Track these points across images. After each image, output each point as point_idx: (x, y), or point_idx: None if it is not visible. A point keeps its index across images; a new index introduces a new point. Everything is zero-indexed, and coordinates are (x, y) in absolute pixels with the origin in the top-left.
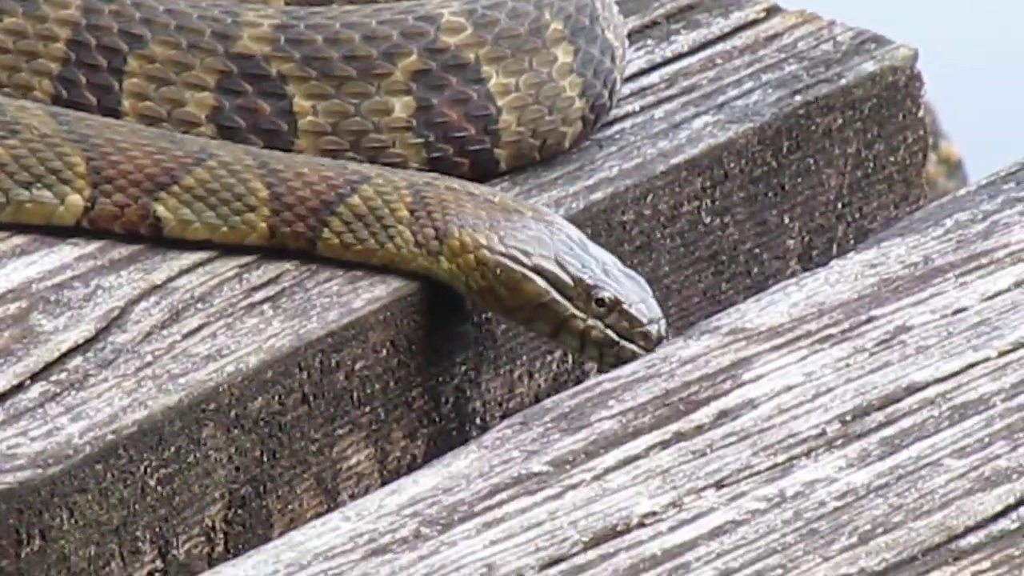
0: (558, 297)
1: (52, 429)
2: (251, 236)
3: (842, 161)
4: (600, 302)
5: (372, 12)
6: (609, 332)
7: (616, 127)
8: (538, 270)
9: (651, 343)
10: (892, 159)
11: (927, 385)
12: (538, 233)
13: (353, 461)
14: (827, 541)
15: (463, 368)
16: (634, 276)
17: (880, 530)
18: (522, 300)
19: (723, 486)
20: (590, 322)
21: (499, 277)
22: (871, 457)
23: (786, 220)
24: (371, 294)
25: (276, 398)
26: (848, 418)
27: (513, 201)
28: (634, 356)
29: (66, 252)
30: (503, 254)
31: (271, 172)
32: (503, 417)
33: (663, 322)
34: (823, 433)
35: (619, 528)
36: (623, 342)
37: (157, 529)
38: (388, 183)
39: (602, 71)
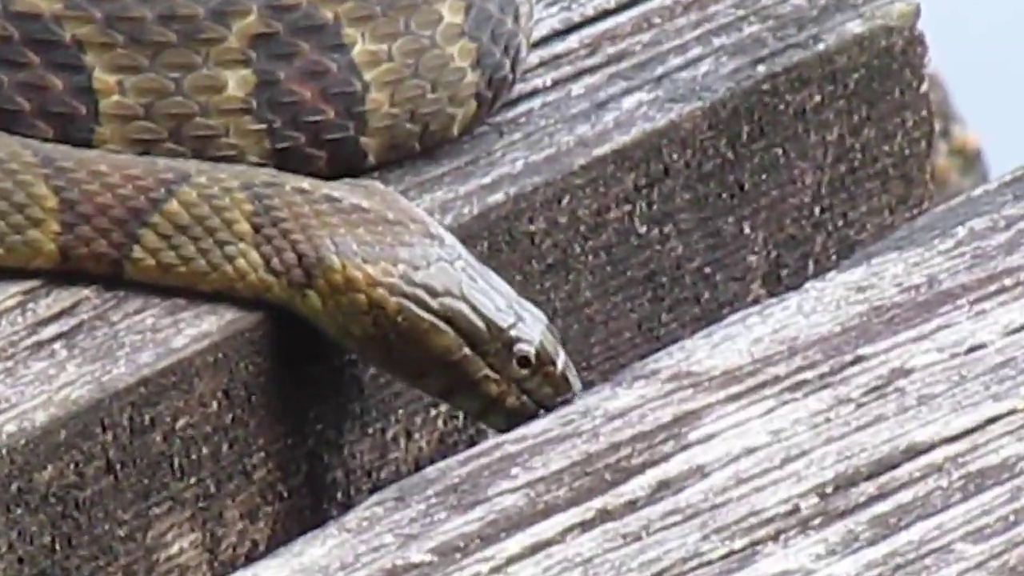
0: (470, 353)
1: None
2: (36, 260)
3: (820, 152)
4: (523, 361)
5: None
6: (527, 399)
7: (521, 107)
8: (449, 317)
9: None
10: (886, 149)
11: (933, 447)
12: (436, 258)
13: (174, 549)
14: None
15: (319, 426)
16: (540, 316)
17: None
18: (422, 355)
19: None
20: (506, 387)
21: (398, 326)
22: (859, 541)
23: (746, 230)
24: (197, 329)
25: (72, 467)
26: (829, 490)
27: (382, 200)
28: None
29: None
30: (407, 296)
31: (59, 172)
32: (372, 491)
33: (581, 390)
34: (796, 510)
35: None
36: (542, 412)
37: None
38: (214, 182)
39: (502, 34)
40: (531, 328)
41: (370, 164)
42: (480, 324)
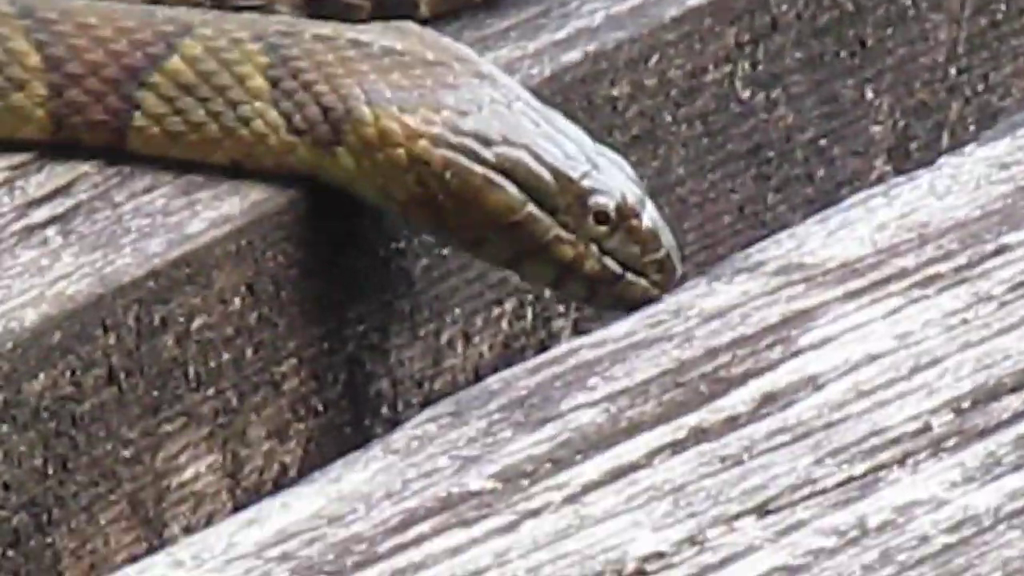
0: (536, 212)
1: None
2: (25, 129)
3: (956, 2)
4: (601, 216)
5: None
6: (609, 262)
7: None
8: (507, 169)
9: (670, 278)
10: None
11: None
12: (488, 100)
13: (189, 474)
14: None
15: (361, 328)
16: (621, 163)
17: None
18: (478, 217)
19: (769, 512)
20: (583, 248)
21: (447, 184)
22: (1002, 466)
23: (869, 95)
24: (216, 212)
25: (68, 375)
26: (965, 405)
27: (419, 40)
28: (640, 298)
29: None
30: (454, 146)
31: (41, 25)
32: (424, 405)
33: (676, 249)
34: (926, 428)
35: None
36: (628, 276)
37: None
38: (222, 34)
39: None
40: (609, 177)
41: (423, 16)
42: (546, 175)
